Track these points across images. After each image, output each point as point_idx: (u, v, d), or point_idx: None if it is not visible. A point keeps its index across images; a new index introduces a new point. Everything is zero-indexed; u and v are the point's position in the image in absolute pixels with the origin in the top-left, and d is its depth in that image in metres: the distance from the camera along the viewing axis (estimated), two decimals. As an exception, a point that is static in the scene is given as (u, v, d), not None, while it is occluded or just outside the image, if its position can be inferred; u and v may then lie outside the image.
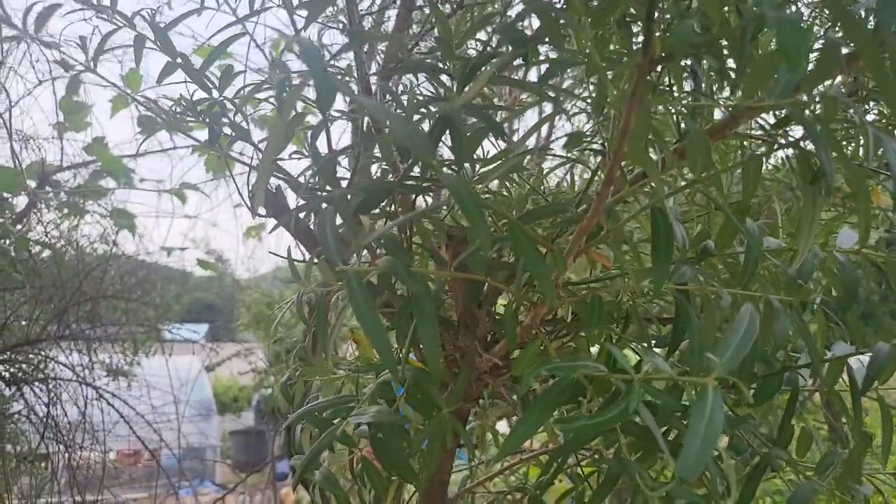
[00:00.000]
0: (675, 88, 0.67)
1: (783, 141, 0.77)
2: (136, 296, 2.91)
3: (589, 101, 0.80)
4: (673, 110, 0.73)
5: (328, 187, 0.77)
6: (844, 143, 0.99)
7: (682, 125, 0.76)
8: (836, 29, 0.73)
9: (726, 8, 0.55)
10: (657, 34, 0.50)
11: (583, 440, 0.68)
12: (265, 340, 4.94)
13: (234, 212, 2.96)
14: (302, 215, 0.86)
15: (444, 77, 0.75)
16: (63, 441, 2.64)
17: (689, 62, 0.65)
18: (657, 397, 0.56)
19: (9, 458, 2.57)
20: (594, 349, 0.81)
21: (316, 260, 0.75)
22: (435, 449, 0.72)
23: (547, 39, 0.60)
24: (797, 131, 0.81)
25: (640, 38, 0.51)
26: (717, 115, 0.76)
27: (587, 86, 0.84)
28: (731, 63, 0.63)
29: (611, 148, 0.55)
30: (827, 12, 1.01)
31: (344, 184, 0.80)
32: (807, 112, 0.53)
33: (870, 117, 1.08)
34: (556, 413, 0.62)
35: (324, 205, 0.69)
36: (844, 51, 0.60)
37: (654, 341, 0.77)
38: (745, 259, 0.66)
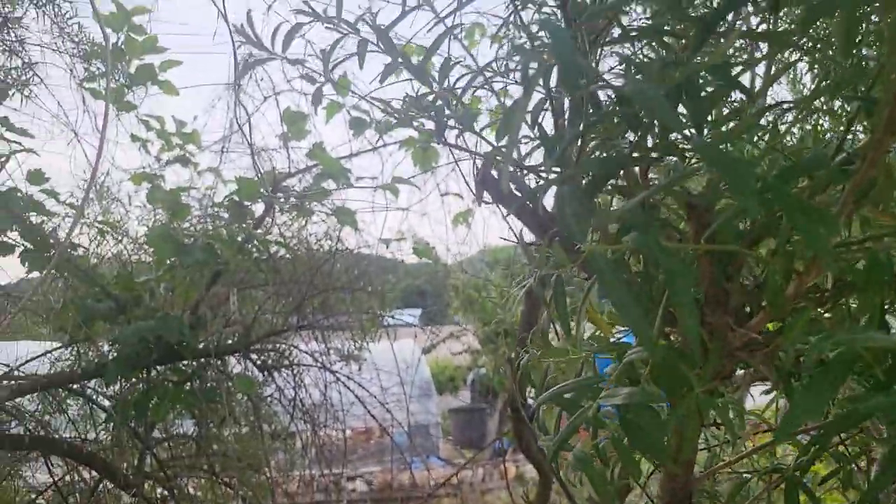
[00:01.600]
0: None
1: None
2: (359, 286, 3.13)
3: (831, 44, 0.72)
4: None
5: (554, 169, 0.77)
6: None
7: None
8: None
9: None
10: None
11: (864, 417, 0.61)
12: (476, 323, 5.09)
13: (442, 200, 3.05)
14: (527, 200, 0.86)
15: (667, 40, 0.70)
16: (309, 420, 2.93)
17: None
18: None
19: (266, 436, 2.91)
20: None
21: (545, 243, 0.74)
22: (690, 430, 0.69)
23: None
24: None
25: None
26: None
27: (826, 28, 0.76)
28: None
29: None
30: None
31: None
32: None
33: None
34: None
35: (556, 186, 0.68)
36: None
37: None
38: None
